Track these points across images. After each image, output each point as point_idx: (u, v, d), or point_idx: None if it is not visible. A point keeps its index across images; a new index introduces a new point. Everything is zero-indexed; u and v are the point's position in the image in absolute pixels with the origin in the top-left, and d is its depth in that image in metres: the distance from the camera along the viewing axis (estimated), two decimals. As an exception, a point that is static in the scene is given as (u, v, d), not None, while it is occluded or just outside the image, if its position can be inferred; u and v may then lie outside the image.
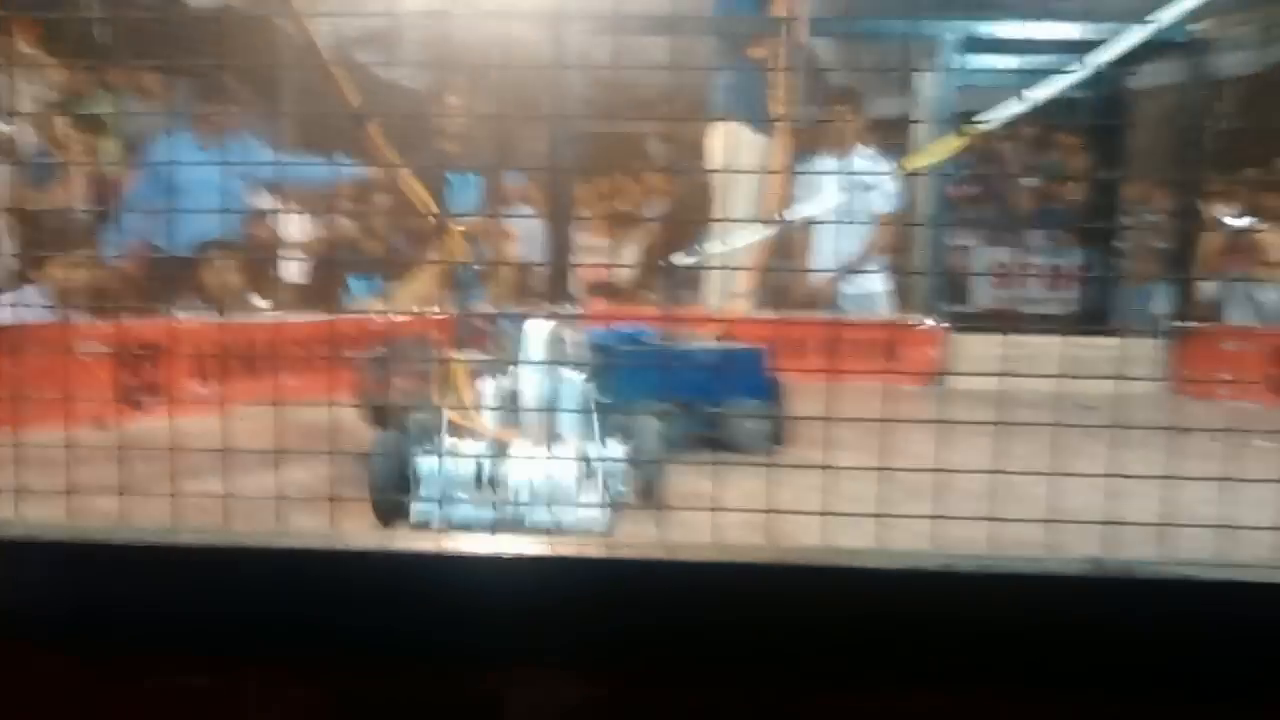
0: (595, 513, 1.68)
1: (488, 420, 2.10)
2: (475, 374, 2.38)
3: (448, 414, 1.94)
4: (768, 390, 4.01)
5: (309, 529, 1.08)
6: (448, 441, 1.89)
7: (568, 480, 1.77)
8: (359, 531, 1.04)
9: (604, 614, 1.03)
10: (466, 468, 1.80)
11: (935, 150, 4.80)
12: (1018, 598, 1.00)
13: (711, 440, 3.15)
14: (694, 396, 3.67)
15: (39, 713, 1.05)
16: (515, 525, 1.53)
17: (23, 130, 5.43)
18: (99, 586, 1.04)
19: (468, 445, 1.85)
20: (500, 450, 1.84)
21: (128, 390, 4.74)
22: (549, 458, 1.79)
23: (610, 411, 2.19)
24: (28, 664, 1.04)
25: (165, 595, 1.04)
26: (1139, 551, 1.38)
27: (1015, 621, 1.00)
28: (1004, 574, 1.00)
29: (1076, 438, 2.00)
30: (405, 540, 1.03)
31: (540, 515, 1.66)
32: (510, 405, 2.17)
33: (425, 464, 1.66)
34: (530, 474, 1.70)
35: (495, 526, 1.49)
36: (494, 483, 1.76)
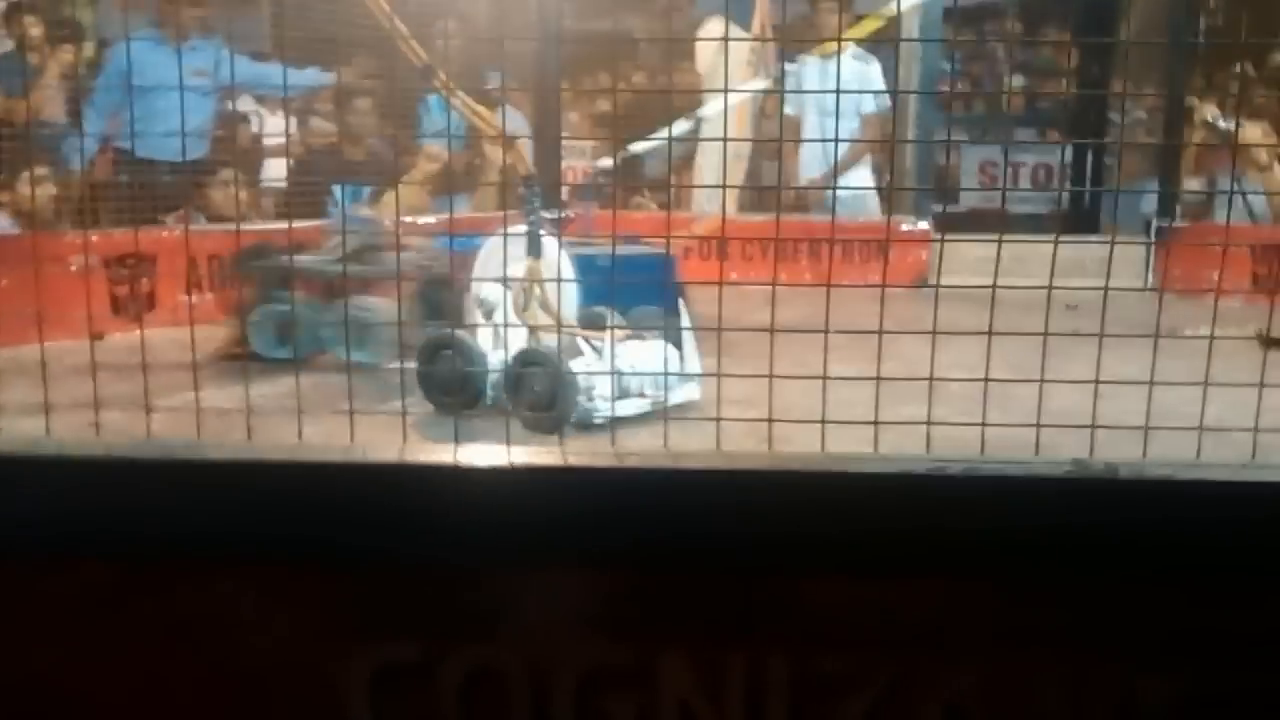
0: (692, 386, 1.84)
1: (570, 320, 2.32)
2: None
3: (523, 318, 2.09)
4: (673, 299, 3.90)
5: (328, 444, 1.12)
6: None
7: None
8: (378, 444, 1.08)
9: (611, 521, 1.07)
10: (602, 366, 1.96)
11: (854, 32, 4.77)
12: (1004, 498, 1.05)
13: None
14: (599, 303, 3.63)
15: (79, 619, 1.11)
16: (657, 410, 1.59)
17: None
18: (129, 500, 1.08)
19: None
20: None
21: (121, 302, 4.76)
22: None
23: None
24: (65, 574, 1.09)
25: (192, 508, 1.08)
26: (1124, 451, 1.44)
27: (1003, 520, 1.05)
28: (991, 476, 1.05)
29: (1064, 339, 2.05)
30: (421, 453, 1.07)
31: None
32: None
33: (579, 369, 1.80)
34: (646, 361, 1.88)
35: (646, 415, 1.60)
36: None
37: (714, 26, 5.83)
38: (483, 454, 1.08)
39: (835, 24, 6.28)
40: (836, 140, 5.70)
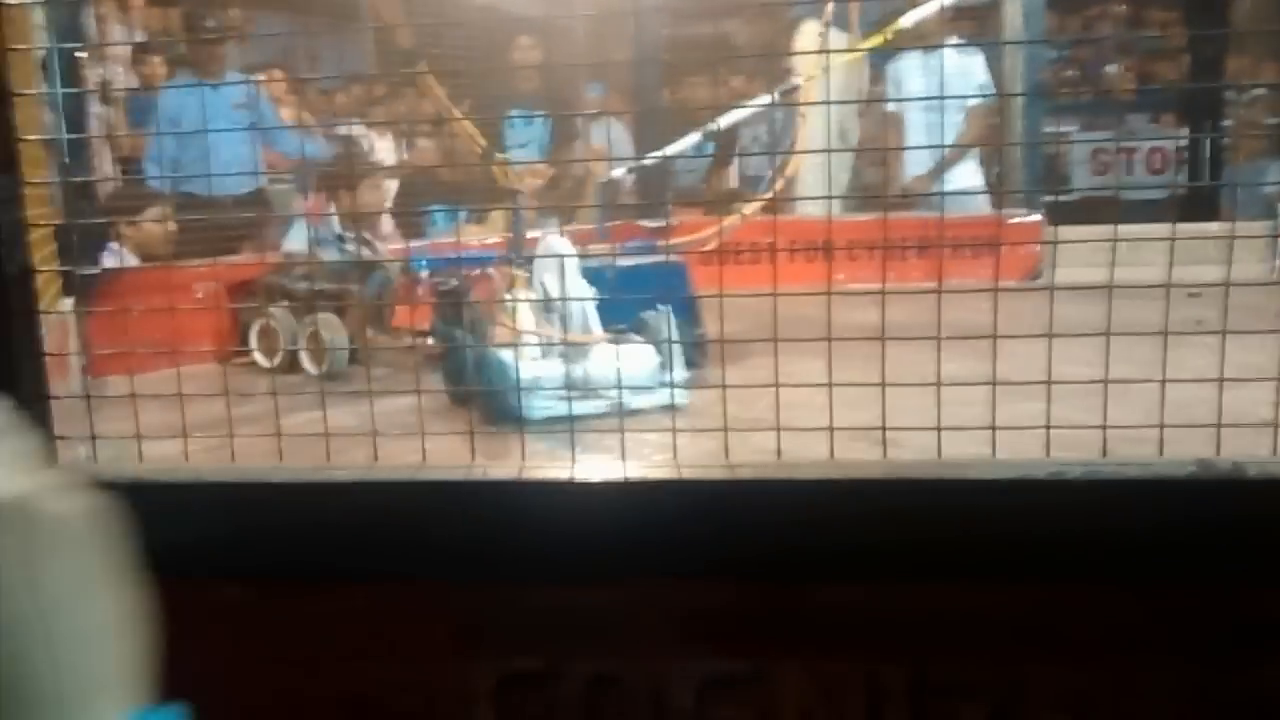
0: (676, 392, 1.85)
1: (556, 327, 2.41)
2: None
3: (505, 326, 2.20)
4: (687, 309, 3.94)
5: (447, 464, 1.16)
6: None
7: (649, 368, 1.97)
8: (501, 465, 1.12)
9: (726, 531, 1.09)
10: (556, 368, 2.02)
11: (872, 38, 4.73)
12: (1127, 502, 1.04)
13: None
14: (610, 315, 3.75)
15: (219, 635, 1.16)
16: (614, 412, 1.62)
17: (113, 71, 5.54)
18: (258, 521, 1.13)
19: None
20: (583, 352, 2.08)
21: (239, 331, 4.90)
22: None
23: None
24: (203, 594, 1.14)
25: (319, 526, 1.13)
26: (1250, 448, 1.39)
27: (1125, 524, 1.03)
28: (1113, 479, 1.04)
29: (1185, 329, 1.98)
30: (537, 470, 1.10)
31: (637, 401, 1.84)
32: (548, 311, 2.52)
33: (528, 368, 1.84)
34: (613, 366, 1.90)
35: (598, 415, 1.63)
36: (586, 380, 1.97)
37: (810, 27, 5.79)
38: (597, 469, 1.10)
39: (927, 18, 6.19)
40: (940, 144, 5.59)
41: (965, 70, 6.36)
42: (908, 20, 4.62)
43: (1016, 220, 6.24)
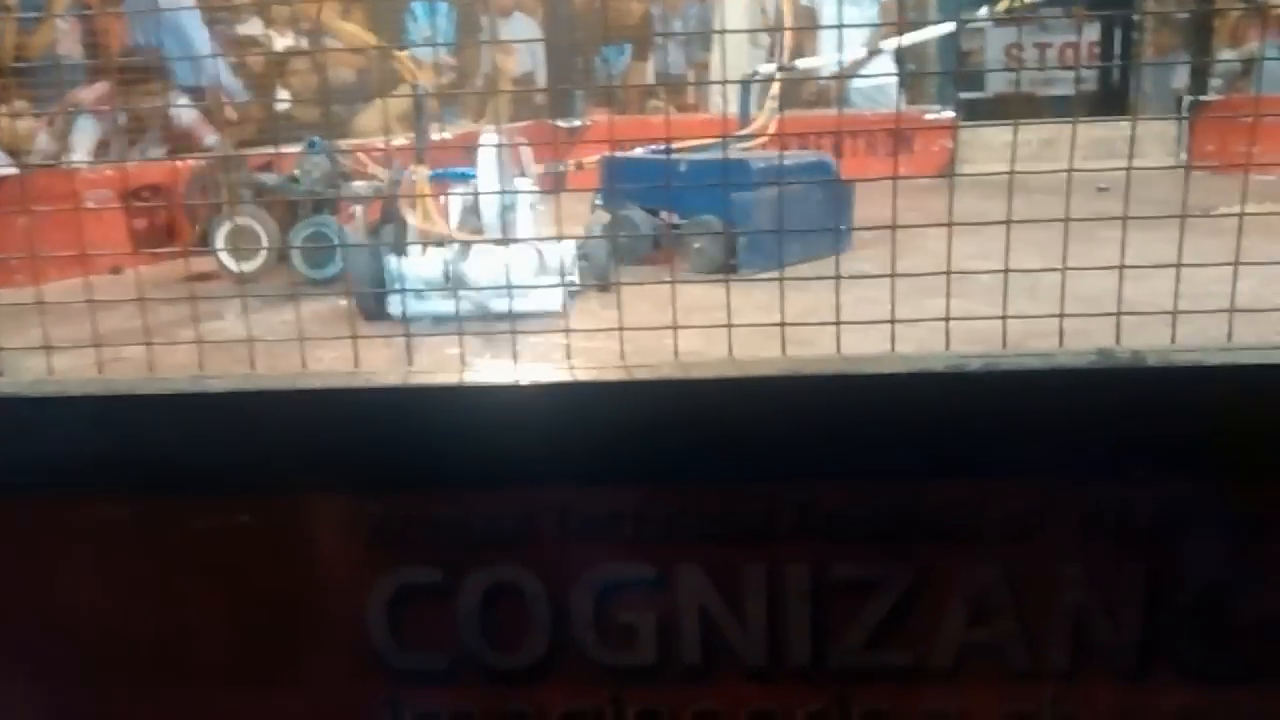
0: (551, 296, 1.82)
1: (451, 227, 2.38)
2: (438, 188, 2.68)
3: (415, 224, 2.15)
4: (843, 199, 4.15)
5: (329, 369, 1.10)
6: (417, 247, 2.13)
7: (524, 271, 1.94)
8: (380, 370, 1.06)
9: (622, 434, 1.05)
10: (435, 267, 2.00)
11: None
12: (1027, 392, 1.02)
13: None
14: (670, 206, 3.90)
15: (96, 557, 1.10)
16: (480, 314, 1.59)
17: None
18: (134, 436, 1.07)
19: (435, 250, 2.08)
20: (464, 251, 2.05)
21: (141, 236, 4.75)
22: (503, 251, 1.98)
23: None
24: (77, 515, 1.09)
25: (197, 441, 1.07)
26: (1154, 337, 1.39)
27: (1025, 415, 1.02)
28: (1012, 370, 1.02)
29: (1094, 222, 1.98)
30: (424, 375, 1.05)
31: (501, 304, 1.80)
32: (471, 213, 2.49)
33: (396, 263, 1.80)
34: (489, 267, 1.86)
35: (460, 316, 1.59)
36: (459, 278, 1.95)
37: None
38: (488, 373, 1.06)
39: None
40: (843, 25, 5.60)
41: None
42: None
43: (930, 117, 6.23)
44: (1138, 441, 1.03)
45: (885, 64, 6.60)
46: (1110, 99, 7.89)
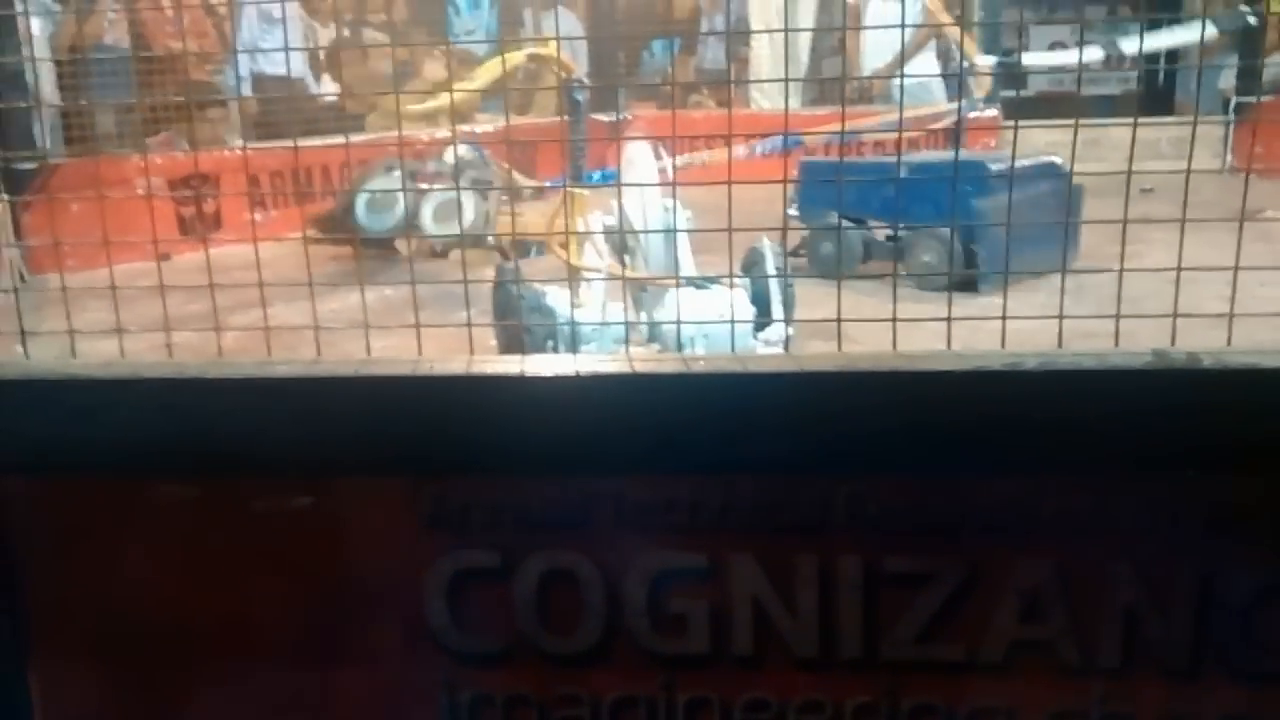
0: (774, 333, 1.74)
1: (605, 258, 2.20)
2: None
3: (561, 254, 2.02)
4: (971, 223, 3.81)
5: (390, 358, 1.12)
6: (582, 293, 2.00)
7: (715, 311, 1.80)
8: (441, 358, 1.09)
9: (675, 425, 1.07)
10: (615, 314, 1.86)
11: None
12: (1083, 392, 1.03)
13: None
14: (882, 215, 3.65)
15: (160, 538, 1.13)
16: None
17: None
18: (201, 420, 1.10)
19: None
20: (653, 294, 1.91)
21: (188, 223, 4.82)
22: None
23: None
24: (142, 496, 1.11)
25: (261, 425, 1.10)
26: (1205, 340, 1.39)
27: (1081, 415, 1.03)
28: (1069, 370, 1.03)
29: (1142, 224, 1.97)
30: (484, 365, 1.07)
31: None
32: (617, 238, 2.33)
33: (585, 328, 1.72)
34: (688, 311, 1.75)
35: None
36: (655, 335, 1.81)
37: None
38: (547, 364, 1.07)
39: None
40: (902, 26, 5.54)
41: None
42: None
43: (974, 114, 6.19)
44: (1192, 442, 1.03)
45: (928, 60, 6.56)
46: (1155, 100, 7.83)
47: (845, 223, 4.38)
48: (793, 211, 5.00)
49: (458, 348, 3.50)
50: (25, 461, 1.14)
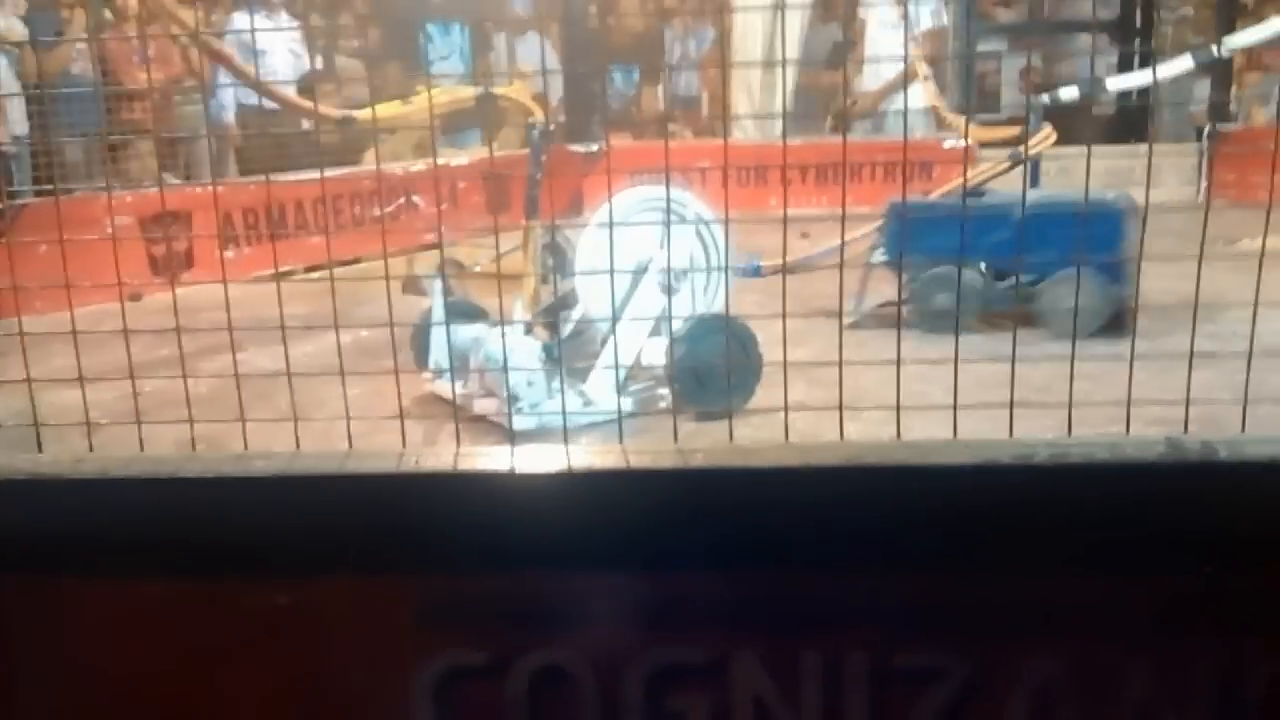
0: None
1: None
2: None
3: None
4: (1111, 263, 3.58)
5: (376, 450, 1.08)
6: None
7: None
8: (427, 451, 1.04)
9: (674, 520, 1.03)
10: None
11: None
12: (1095, 485, 0.99)
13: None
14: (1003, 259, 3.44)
15: (135, 638, 1.08)
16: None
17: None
18: (175, 518, 1.05)
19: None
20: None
21: (159, 262, 4.75)
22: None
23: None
24: (117, 595, 1.06)
25: (240, 523, 1.05)
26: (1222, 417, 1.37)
27: (1093, 508, 0.99)
28: (1080, 464, 0.99)
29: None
30: (473, 459, 1.03)
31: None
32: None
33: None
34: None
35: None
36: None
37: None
38: (539, 458, 1.03)
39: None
40: (905, 55, 5.53)
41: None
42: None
43: (950, 145, 6.21)
44: (1208, 537, 1.00)
45: (919, 90, 6.57)
46: (1128, 125, 7.87)
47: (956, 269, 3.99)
48: (880, 257, 4.64)
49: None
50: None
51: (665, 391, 3.17)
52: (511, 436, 2.58)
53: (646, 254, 2.93)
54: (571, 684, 1.10)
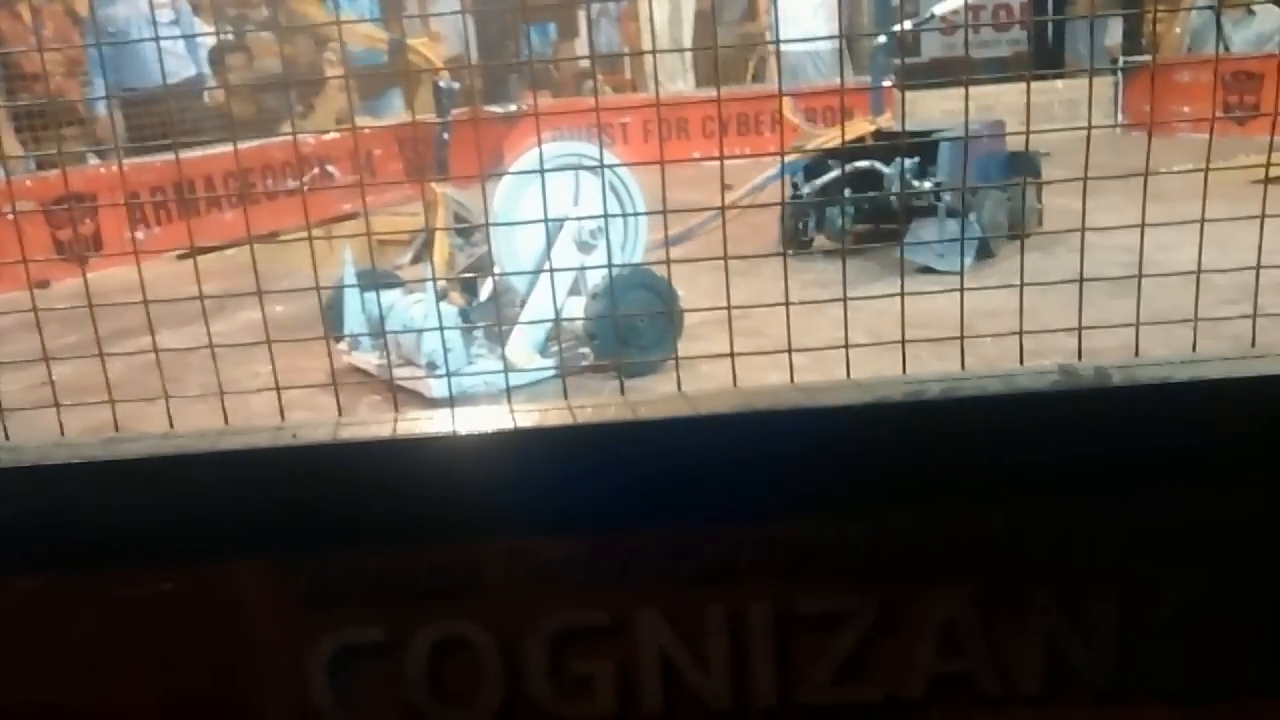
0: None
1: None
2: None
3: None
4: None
5: (251, 426, 1.03)
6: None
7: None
8: (305, 423, 1.00)
9: (565, 479, 1.00)
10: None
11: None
12: (988, 419, 0.98)
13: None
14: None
15: (14, 636, 1.03)
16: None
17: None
18: (45, 508, 1.00)
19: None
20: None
21: (65, 246, 4.60)
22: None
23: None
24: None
25: (113, 509, 1.00)
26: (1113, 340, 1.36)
27: (989, 443, 0.98)
28: (973, 397, 0.98)
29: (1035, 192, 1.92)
30: (354, 429, 0.99)
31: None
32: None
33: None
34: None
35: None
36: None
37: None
38: (422, 423, 0.99)
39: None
40: None
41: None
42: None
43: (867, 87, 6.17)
44: (1103, 462, 0.99)
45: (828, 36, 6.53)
46: (1044, 60, 7.90)
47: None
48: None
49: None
50: None
51: (587, 350, 3.14)
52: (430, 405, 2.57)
53: (561, 211, 2.88)
54: (473, 653, 1.07)
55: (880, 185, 4.37)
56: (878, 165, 4.39)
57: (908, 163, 4.14)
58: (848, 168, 4.22)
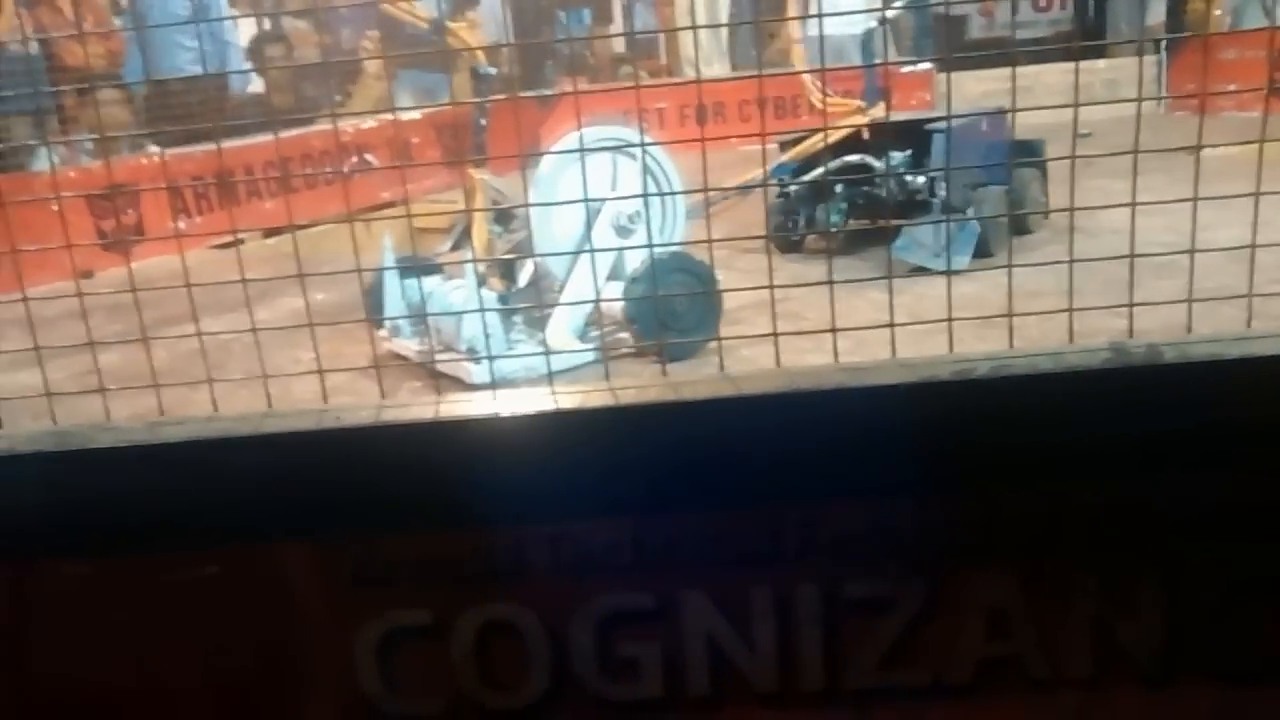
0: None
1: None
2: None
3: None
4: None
5: (298, 409, 1.03)
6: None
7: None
8: (350, 406, 1.00)
9: (610, 462, 0.99)
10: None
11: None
12: (1039, 398, 0.96)
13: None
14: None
15: (63, 621, 1.04)
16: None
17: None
18: (91, 494, 1.01)
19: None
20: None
21: (107, 235, 4.65)
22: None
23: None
24: (40, 578, 1.02)
25: (158, 494, 1.01)
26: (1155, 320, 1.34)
27: (1040, 422, 0.96)
28: (1023, 375, 0.96)
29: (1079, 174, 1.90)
30: (397, 411, 0.99)
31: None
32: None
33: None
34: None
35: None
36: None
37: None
38: (467, 406, 0.99)
39: None
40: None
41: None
42: None
43: (907, 70, 6.14)
44: (1155, 441, 0.97)
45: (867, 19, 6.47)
46: (1086, 39, 7.80)
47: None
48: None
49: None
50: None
51: (627, 335, 3.13)
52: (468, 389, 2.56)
53: (599, 196, 2.88)
54: (519, 637, 1.07)
55: (871, 180, 4.32)
56: (868, 159, 4.33)
57: (901, 156, 4.07)
58: (836, 163, 4.16)
